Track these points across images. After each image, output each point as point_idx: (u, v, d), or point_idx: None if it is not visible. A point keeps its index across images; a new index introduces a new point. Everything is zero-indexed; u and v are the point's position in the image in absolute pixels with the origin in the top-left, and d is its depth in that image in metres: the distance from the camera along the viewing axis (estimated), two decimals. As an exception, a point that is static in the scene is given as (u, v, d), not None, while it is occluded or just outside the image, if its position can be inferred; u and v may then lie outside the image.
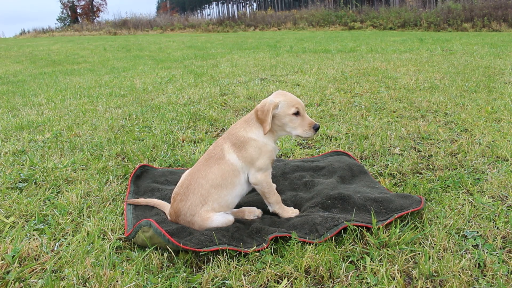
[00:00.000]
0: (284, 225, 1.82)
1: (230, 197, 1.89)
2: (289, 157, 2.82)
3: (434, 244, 1.65)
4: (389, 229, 1.76)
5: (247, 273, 1.52)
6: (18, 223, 1.94)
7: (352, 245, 1.68)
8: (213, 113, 3.93)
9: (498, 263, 1.53)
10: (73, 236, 1.82)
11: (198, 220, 1.83)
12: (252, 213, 1.96)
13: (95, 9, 56.10)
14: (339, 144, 2.97)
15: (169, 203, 2.06)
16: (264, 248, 1.64)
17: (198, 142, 3.14)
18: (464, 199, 2.05)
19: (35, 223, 1.92)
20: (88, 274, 1.51)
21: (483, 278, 1.46)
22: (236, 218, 1.90)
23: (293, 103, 1.90)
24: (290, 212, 1.95)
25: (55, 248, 1.71)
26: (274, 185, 2.05)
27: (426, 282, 1.45)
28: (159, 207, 2.02)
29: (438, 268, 1.50)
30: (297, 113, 1.90)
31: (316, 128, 1.92)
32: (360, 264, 1.56)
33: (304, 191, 2.20)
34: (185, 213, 1.84)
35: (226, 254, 1.61)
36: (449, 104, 4.04)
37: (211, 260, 1.60)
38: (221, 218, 1.83)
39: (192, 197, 1.85)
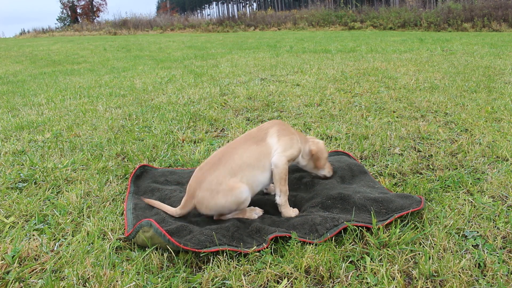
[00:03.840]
0: (284, 225, 1.82)
1: (258, 179, 1.93)
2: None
3: (434, 244, 1.65)
4: (389, 229, 1.76)
5: (247, 273, 1.52)
6: (18, 223, 1.94)
7: (352, 245, 1.68)
8: (213, 113, 3.93)
9: (498, 263, 1.53)
10: (73, 236, 1.82)
11: (225, 189, 1.82)
12: (253, 211, 1.97)
13: (95, 9, 56.11)
14: (339, 144, 2.97)
15: (170, 203, 2.06)
16: (264, 248, 1.64)
17: (198, 142, 3.14)
18: (464, 199, 2.05)
19: (35, 223, 1.92)
20: (88, 274, 1.51)
21: (483, 278, 1.46)
22: (237, 218, 1.90)
23: (326, 150, 2.22)
24: (291, 211, 1.96)
25: (55, 248, 1.71)
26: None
27: (426, 282, 1.45)
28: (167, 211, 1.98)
29: (438, 268, 1.50)
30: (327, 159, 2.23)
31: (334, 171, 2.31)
32: (360, 264, 1.56)
33: (304, 191, 2.20)
34: (211, 180, 1.84)
35: (226, 254, 1.61)
36: (449, 104, 4.04)
37: (211, 260, 1.60)
38: (248, 193, 1.86)
39: (222, 168, 1.86)
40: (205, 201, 1.85)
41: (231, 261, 1.58)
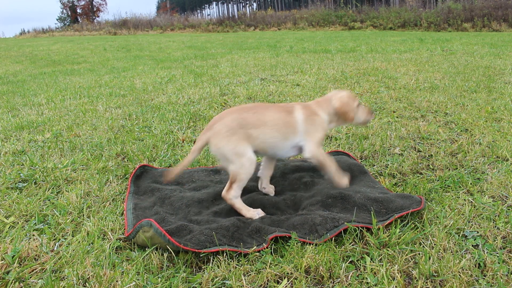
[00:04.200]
0: (284, 224, 1.82)
1: (275, 143, 2.01)
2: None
3: (434, 244, 1.65)
4: (389, 229, 1.76)
5: (247, 273, 1.52)
6: (18, 223, 1.94)
7: (352, 245, 1.68)
8: (213, 113, 3.93)
9: (498, 263, 1.53)
10: (73, 236, 1.82)
11: (241, 136, 1.92)
12: (256, 211, 1.96)
13: (95, 9, 56.11)
14: (339, 144, 2.97)
15: (170, 203, 2.06)
16: (264, 248, 1.64)
17: (198, 142, 3.14)
18: (464, 199, 2.05)
19: (35, 223, 1.92)
20: (88, 274, 1.51)
21: (483, 278, 1.46)
22: (237, 217, 1.90)
23: (354, 97, 2.20)
24: (343, 181, 2.14)
25: (55, 248, 1.71)
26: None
27: (426, 282, 1.45)
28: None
29: (438, 268, 1.50)
30: (358, 105, 2.22)
31: (373, 112, 2.30)
32: (360, 264, 1.56)
33: (304, 190, 2.20)
34: (235, 118, 1.94)
35: (226, 254, 1.61)
36: (449, 104, 4.04)
37: (211, 260, 1.60)
38: (251, 159, 1.93)
39: (250, 114, 1.97)
40: (219, 136, 1.91)
41: (231, 261, 1.58)
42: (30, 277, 1.53)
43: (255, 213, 1.94)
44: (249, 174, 1.94)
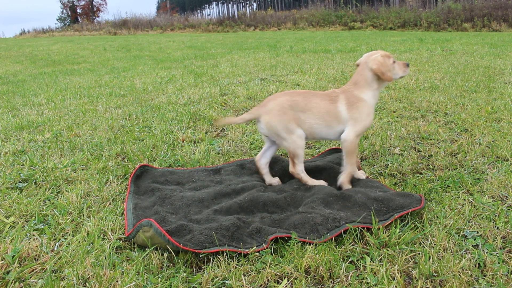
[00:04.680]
0: (285, 224, 1.82)
1: (319, 129, 2.17)
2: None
3: (434, 244, 1.65)
4: (389, 229, 1.76)
5: (247, 273, 1.52)
6: (18, 223, 1.94)
7: (352, 245, 1.68)
8: (213, 113, 3.93)
9: (498, 263, 1.53)
10: (73, 236, 1.82)
11: (291, 116, 2.11)
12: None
13: (95, 9, 56.11)
14: (339, 144, 2.97)
15: (170, 203, 2.06)
16: (264, 249, 1.64)
17: (198, 142, 3.14)
18: (464, 199, 2.05)
19: (35, 223, 1.92)
20: (88, 274, 1.51)
21: (483, 278, 1.46)
22: (237, 217, 1.89)
23: (387, 54, 2.24)
24: (349, 185, 2.19)
25: (55, 248, 1.71)
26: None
27: (426, 282, 1.45)
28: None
29: (438, 268, 1.50)
30: (394, 61, 2.26)
31: (407, 64, 2.33)
32: (360, 264, 1.56)
33: (305, 189, 2.20)
34: (287, 100, 2.13)
35: (226, 254, 1.61)
36: (449, 104, 4.04)
37: (211, 260, 1.60)
38: (302, 136, 2.14)
39: (301, 98, 2.15)
40: (271, 113, 2.12)
41: (231, 261, 1.58)
42: (30, 277, 1.53)
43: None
44: (302, 148, 2.15)
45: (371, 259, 1.58)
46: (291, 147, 2.13)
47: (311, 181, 2.18)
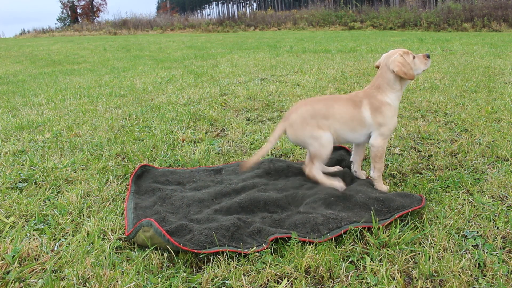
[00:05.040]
0: (285, 224, 1.81)
1: (344, 134, 2.17)
2: (289, 157, 2.82)
3: (434, 244, 1.66)
4: (389, 229, 1.76)
5: (247, 273, 1.52)
6: (18, 223, 1.94)
7: (352, 245, 1.68)
8: (213, 113, 3.93)
9: (498, 263, 1.53)
10: (73, 236, 1.82)
11: (314, 124, 2.11)
12: (340, 182, 2.17)
13: (95, 9, 56.11)
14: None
15: (171, 202, 2.06)
16: (264, 249, 1.64)
17: (198, 142, 3.14)
18: (464, 199, 2.05)
19: (35, 223, 1.92)
20: (88, 274, 1.51)
21: (483, 278, 1.46)
22: (237, 217, 1.89)
23: (406, 52, 2.20)
24: (384, 186, 2.19)
25: (55, 248, 1.71)
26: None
27: (426, 282, 1.45)
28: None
29: (438, 268, 1.50)
30: (414, 57, 2.23)
31: (428, 56, 2.29)
32: (360, 264, 1.56)
33: (306, 189, 2.20)
34: (307, 110, 2.13)
35: (226, 254, 1.61)
36: (449, 104, 4.04)
37: (211, 260, 1.60)
38: (329, 138, 2.13)
39: (321, 106, 2.14)
40: (295, 126, 2.13)
41: (231, 261, 1.58)
42: (30, 277, 1.53)
43: (337, 183, 2.15)
44: (329, 151, 2.15)
45: (371, 259, 1.58)
46: (317, 151, 2.13)
47: (328, 182, 2.17)
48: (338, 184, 2.16)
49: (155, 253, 1.64)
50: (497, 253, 1.61)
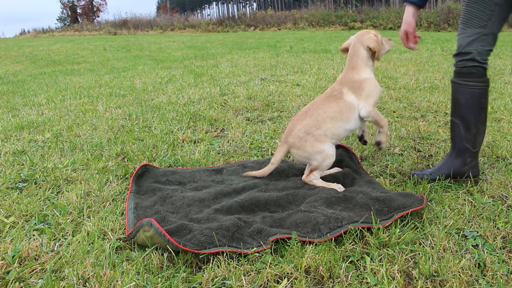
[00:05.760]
0: (286, 223, 1.81)
1: (343, 129, 2.22)
2: (289, 157, 2.82)
3: (434, 244, 1.66)
4: (389, 229, 1.76)
5: (247, 273, 1.52)
6: (18, 223, 1.94)
7: (352, 245, 1.68)
8: (213, 113, 3.93)
9: (498, 263, 1.53)
10: (73, 236, 1.82)
11: (311, 139, 2.16)
12: (338, 186, 2.17)
13: (95, 9, 56.12)
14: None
15: (171, 202, 2.06)
16: (264, 250, 1.64)
17: (198, 142, 3.14)
18: (464, 199, 2.05)
19: (35, 223, 1.92)
20: (88, 274, 1.51)
21: (483, 278, 1.46)
22: (238, 217, 1.89)
23: (377, 33, 2.34)
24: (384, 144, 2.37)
25: (55, 248, 1.71)
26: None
27: (426, 282, 1.45)
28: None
29: (438, 268, 1.50)
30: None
31: (390, 39, 2.42)
32: (360, 264, 1.56)
33: (307, 188, 2.20)
34: (300, 129, 2.18)
35: (226, 254, 1.61)
36: (449, 104, 4.04)
37: (211, 260, 1.60)
38: (331, 149, 2.18)
39: (309, 119, 2.19)
40: (295, 147, 2.19)
41: (231, 261, 1.58)
42: (30, 277, 1.53)
43: (337, 187, 2.15)
44: (331, 162, 2.20)
45: (371, 259, 1.58)
46: (319, 164, 2.18)
47: (334, 186, 2.18)
48: (336, 186, 2.18)
49: (155, 253, 1.64)
50: (497, 253, 1.61)
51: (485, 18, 2.09)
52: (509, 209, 1.95)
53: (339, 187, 2.16)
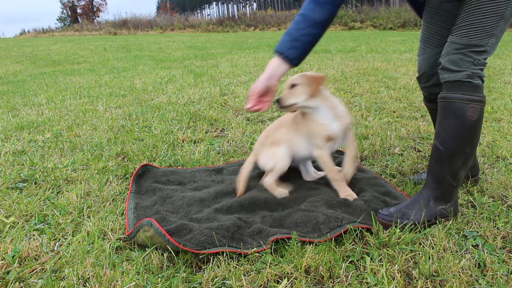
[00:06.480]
0: (286, 222, 1.81)
1: (299, 149, 2.17)
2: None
3: (434, 244, 1.66)
4: (389, 229, 1.76)
5: (247, 273, 1.52)
6: (18, 223, 1.94)
7: (352, 245, 1.68)
8: (213, 113, 3.93)
9: (498, 263, 1.53)
10: (73, 236, 1.82)
11: (268, 145, 2.19)
12: (281, 192, 2.12)
13: (95, 9, 56.15)
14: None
15: (171, 202, 2.06)
16: (264, 250, 1.63)
17: (198, 142, 3.14)
18: (464, 199, 2.05)
19: (35, 223, 1.92)
20: (88, 274, 1.51)
21: (483, 278, 1.46)
22: (238, 217, 1.89)
23: None
24: (347, 193, 2.09)
25: (55, 248, 1.71)
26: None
27: (426, 282, 1.45)
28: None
29: (438, 268, 1.50)
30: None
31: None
32: (360, 264, 1.56)
33: (308, 188, 2.20)
34: (264, 136, 2.25)
35: (226, 254, 1.61)
36: (449, 104, 4.03)
37: (211, 260, 1.60)
38: (286, 153, 2.16)
39: (272, 125, 2.28)
40: (258, 154, 2.23)
41: (231, 261, 1.58)
42: (30, 277, 1.53)
43: (280, 193, 2.11)
44: (284, 167, 2.16)
45: (371, 259, 1.58)
46: (272, 167, 2.18)
47: (277, 192, 2.11)
48: (281, 191, 2.11)
49: (155, 253, 1.64)
50: (497, 253, 1.61)
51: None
52: (509, 209, 1.95)
53: (284, 193, 2.10)
